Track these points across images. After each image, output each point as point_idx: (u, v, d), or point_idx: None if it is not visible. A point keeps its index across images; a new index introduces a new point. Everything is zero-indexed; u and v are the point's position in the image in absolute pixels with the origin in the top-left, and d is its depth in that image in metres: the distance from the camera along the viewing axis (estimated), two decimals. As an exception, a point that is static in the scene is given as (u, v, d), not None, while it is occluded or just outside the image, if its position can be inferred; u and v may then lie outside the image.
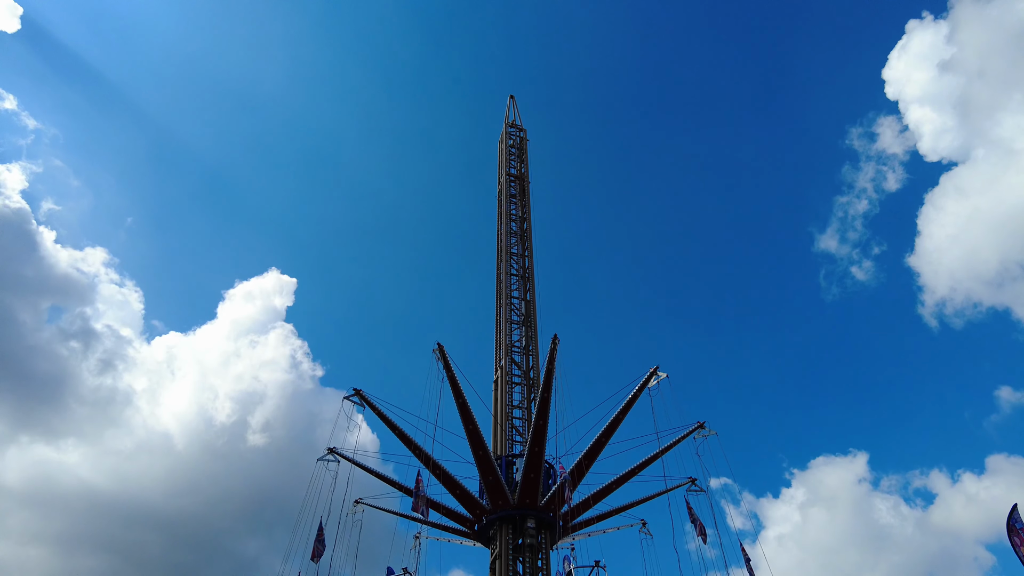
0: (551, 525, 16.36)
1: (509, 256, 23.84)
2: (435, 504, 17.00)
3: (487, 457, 15.91)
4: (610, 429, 17.45)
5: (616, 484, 18.07)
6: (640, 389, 18.11)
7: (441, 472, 16.31)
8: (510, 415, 19.47)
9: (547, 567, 15.60)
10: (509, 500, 16.05)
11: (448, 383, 16.48)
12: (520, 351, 21.20)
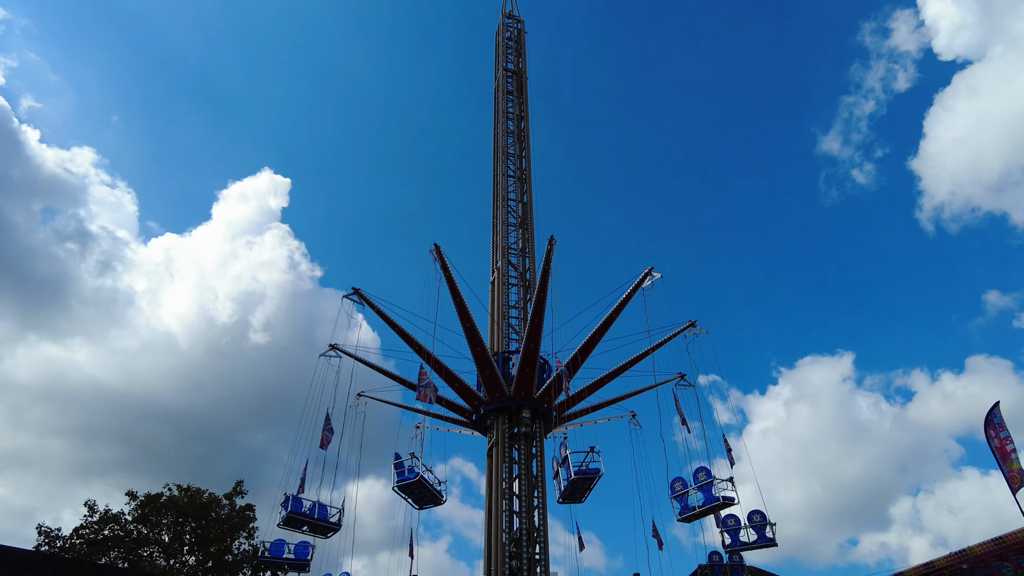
0: (545, 415, 17.17)
1: (506, 157, 23.47)
2: (436, 397, 17.76)
3: (484, 353, 16.45)
4: (604, 327, 17.94)
5: (608, 378, 18.81)
6: (634, 289, 18.45)
7: (441, 367, 16.91)
8: (506, 315, 19.90)
9: (541, 454, 16.56)
10: (505, 392, 16.76)
11: (446, 283, 16.77)
12: (517, 253, 21.35)
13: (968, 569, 14.30)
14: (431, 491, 15.72)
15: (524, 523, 15.01)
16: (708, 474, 15.86)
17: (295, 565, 17.33)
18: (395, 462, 15.69)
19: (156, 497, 35.02)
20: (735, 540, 15.92)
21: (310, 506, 16.81)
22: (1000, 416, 15.39)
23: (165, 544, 33.68)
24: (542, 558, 14.77)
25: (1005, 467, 14.93)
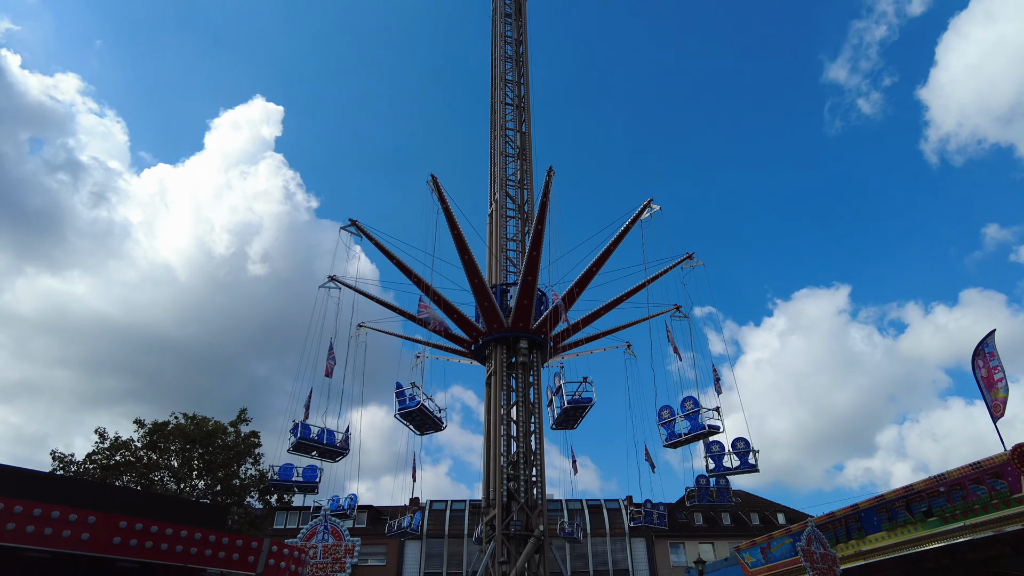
0: (542, 345, 17.50)
1: (503, 84, 22.88)
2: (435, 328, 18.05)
3: (482, 285, 16.61)
4: (601, 259, 18.04)
5: (604, 310, 19.06)
6: (633, 221, 18.46)
7: (439, 299, 17.11)
8: (504, 247, 19.93)
9: (538, 382, 16.99)
10: (503, 324, 17.03)
11: (443, 215, 16.75)
12: (515, 185, 21.16)
13: (945, 491, 14.90)
14: (432, 418, 16.29)
15: (521, 447, 15.57)
16: (695, 403, 16.40)
17: (304, 487, 18.06)
18: (396, 391, 16.19)
19: (163, 425, 36.02)
20: (718, 465, 16.62)
21: (318, 432, 17.37)
22: (993, 346, 15.70)
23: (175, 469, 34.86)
24: (538, 480, 15.40)
25: (989, 395, 15.36)
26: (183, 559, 5.07)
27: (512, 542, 14.33)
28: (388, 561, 49.95)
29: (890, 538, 15.87)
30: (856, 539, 16.67)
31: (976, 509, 14.07)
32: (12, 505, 4.49)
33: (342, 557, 8.04)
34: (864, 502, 16.85)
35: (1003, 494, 13.62)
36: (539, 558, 14.51)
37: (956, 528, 14.45)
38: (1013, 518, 13.38)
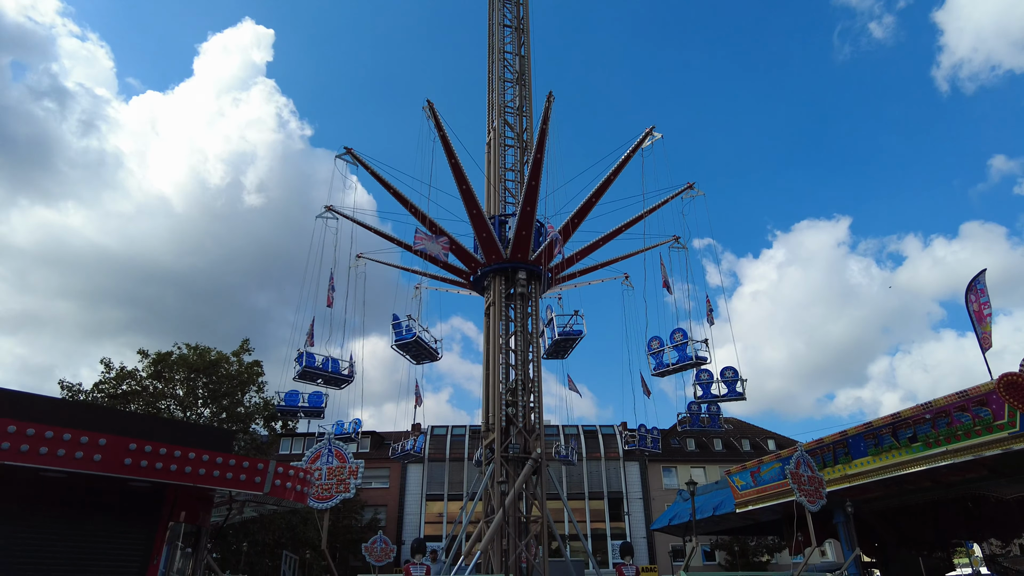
0: (540, 276, 17.56)
1: (502, 2, 21.95)
2: (432, 259, 18.06)
3: (481, 215, 16.51)
4: (601, 189, 17.85)
5: (603, 240, 19.03)
6: (634, 149, 18.15)
7: (437, 229, 17.03)
8: (503, 177, 19.67)
9: (536, 313, 17.16)
10: (502, 255, 17.03)
11: (440, 142, 16.44)
12: (513, 112, 20.64)
13: (931, 418, 15.29)
14: (428, 349, 16.57)
15: (519, 375, 15.90)
16: (684, 335, 16.67)
17: (310, 412, 18.55)
18: (393, 323, 16.40)
19: (167, 355, 36.61)
20: (707, 392, 17.06)
21: (322, 360, 17.67)
22: (984, 283, 15.84)
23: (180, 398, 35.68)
24: (536, 406, 15.81)
25: (979, 328, 15.58)
26: (192, 479, 5.26)
27: (510, 464, 14.86)
28: (391, 483, 51.83)
29: (875, 462, 16.43)
30: (843, 463, 17.27)
31: (959, 435, 14.50)
32: (25, 428, 4.62)
33: (346, 479, 8.35)
34: (852, 429, 17.36)
35: (986, 421, 14.00)
36: (536, 479, 15.08)
37: (939, 453, 14.93)
38: (993, 443, 13.81)
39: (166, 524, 5.62)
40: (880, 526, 20.45)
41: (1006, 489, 15.33)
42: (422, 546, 12.06)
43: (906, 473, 15.85)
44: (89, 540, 5.25)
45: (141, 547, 5.51)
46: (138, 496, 5.57)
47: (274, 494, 5.66)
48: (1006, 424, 13.69)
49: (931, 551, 21.05)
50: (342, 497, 8.30)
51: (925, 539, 20.75)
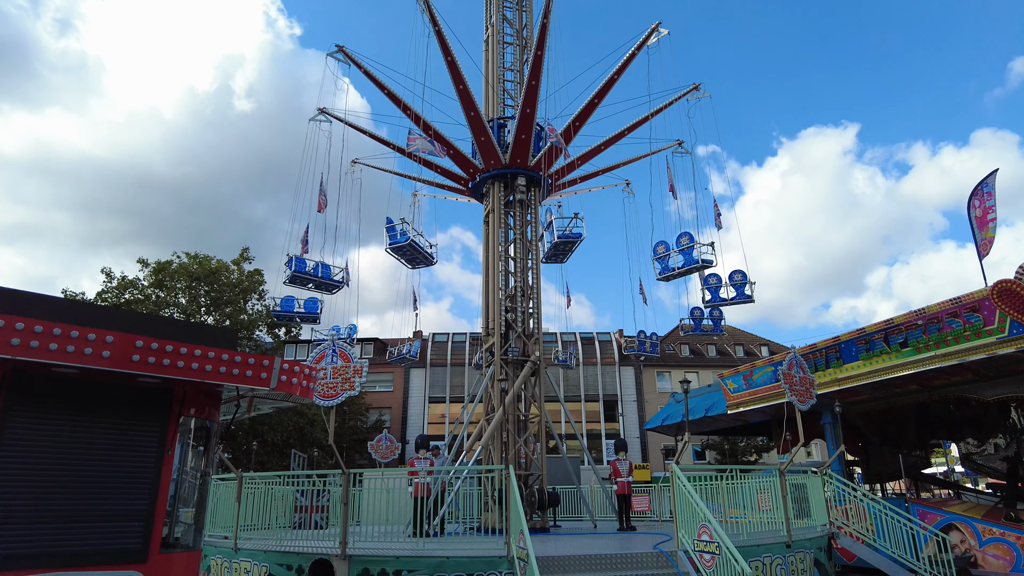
0: (540, 183, 17.30)
1: None
2: (429, 163, 17.74)
3: (478, 118, 16.02)
4: (604, 89, 17.24)
5: (605, 145, 18.61)
6: (639, 47, 17.40)
7: (433, 132, 16.60)
8: (501, 78, 18.95)
9: (535, 220, 17.02)
10: (501, 160, 16.67)
11: (435, 38, 15.70)
12: (512, 7, 19.59)
13: (923, 324, 15.55)
14: (422, 253, 16.53)
15: (519, 282, 15.99)
16: (690, 238, 16.59)
17: (306, 318, 18.78)
18: (387, 226, 16.28)
19: (167, 264, 36.76)
20: (715, 296, 17.17)
21: (313, 265, 17.71)
22: (992, 186, 15.61)
23: (183, 306, 36.14)
24: (535, 311, 16.02)
25: (980, 234, 15.56)
26: (200, 375, 5.38)
27: (509, 367, 15.24)
28: (395, 388, 53.42)
29: (865, 367, 16.89)
30: (834, 367, 17.76)
31: (948, 340, 14.83)
32: (33, 324, 4.68)
33: (351, 377, 8.56)
34: (845, 334, 17.73)
35: (976, 326, 14.27)
36: (535, 381, 15.51)
37: (927, 357, 15.33)
38: (980, 348, 14.15)
39: (177, 418, 5.82)
40: (865, 427, 21.30)
41: (988, 391, 15.84)
42: (426, 441, 12.57)
43: (894, 377, 16.33)
44: (105, 433, 5.45)
45: (155, 439, 5.73)
46: (149, 392, 5.73)
47: (280, 389, 5.82)
48: (995, 330, 13.95)
49: (911, 450, 22.04)
50: (347, 395, 8.56)
51: (906, 439, 21.68)
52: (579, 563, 8.26)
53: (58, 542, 4.96)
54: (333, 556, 8.43)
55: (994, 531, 15.19)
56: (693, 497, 8.06)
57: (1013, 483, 19.77)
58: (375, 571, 8.20)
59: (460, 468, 12.90)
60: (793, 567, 9.64)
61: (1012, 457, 20.76)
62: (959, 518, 16.01)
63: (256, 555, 9.23)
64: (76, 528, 5.08)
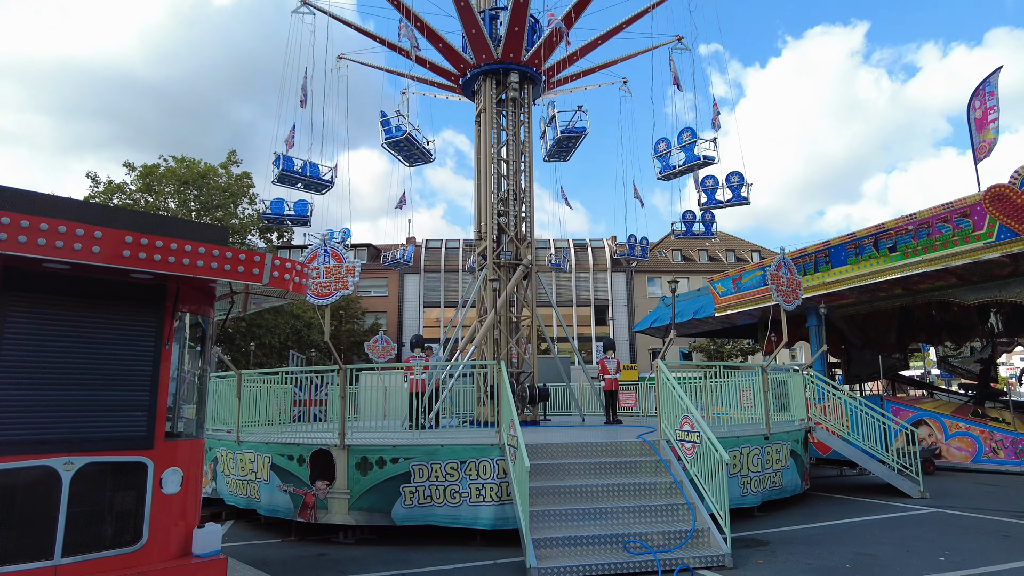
0: (533, 80, 16.71)
1: None
2: (420, 59, 17.03)
3: (469, 7, 15.18)
4: (602, -19, 16.36)
5: (602, 39, 17.82)
6: (639, -66, 16.36)
7: (422, 25, 15.84)
8: (495, -35, 17.86)
9: (528, 120, 16.55)
10: (492, 54, 15.99)
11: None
12: None
13: (913, 229, 15.63)
14: (420, 148, 16.12)
15: (511, 185, 15.81)
16: (692, 134, 16.24)
17: (296, 221, 18.67)
18: (382, 119, 15.78)
19: (154, 168, 35.99)
20: (711, 198, 17.06)
21: (301, 165, 17.40)
22: (995, 84, 15.20)
23: (172, 211, 35.71)
24: (527, 215, 15.93)
25: (978, 137, 15.33)
26: (192, 270, 5.40)
27: (502, 270, 15.35)
28: (390, 293, 53.95)
29: (853, 271, 17.13)
30: (823, 271, 17.99)
31: (936, 245, 14.97)
32: (19, 219, 4.65)
33: (344, 276, 8.62)
34: (836, 239, 17.83)
35: (965, 231, 14.37)
36: (527, 284, 15.68)
37: (914, 262, 15.53)
38: (966, 253, 14.32)
39: (172, 314, 5.90)
40: (848, 329, 21.86)
41: (970, 296, 16.17)
42: (420, 340, 12.86)
43: (881, 281, 16.59)
44: (104, 328, 5.55)
45: (152, 334, 5.84)
46: (143, 289, 5.78)
47: (273, 285, 5.88)
48: (983, 235, 14.06)
49: (891, 352, 22.76)
50: (341, 294, 8.65)
51: (887, 342, 22.33)
52: (566, 450, 8.71)
53: (70, 429, 5.18)
54: (332, 446, 8.83)
55: (960, 426, 16.00)
56: (676, 390, 8.39)
57: (984, 383, 20.59)
58: (373, 459, 8.63)
59: (454, 364, 13.29)
60: (770, 456, 10.20)
61: (986, 359, 21.50)
62: (929, 414, 16.81)
63: (259, 447, 9.66)
64: (85, 417, 5.29)
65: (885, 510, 10.23)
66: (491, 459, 8.33)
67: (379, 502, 8.48)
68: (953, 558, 7.03)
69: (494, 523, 8.16)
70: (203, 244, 5.46)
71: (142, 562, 5.30)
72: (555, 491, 7.81)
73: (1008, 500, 10.93)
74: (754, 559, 7.22)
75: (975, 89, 15.67)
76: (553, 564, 6.48)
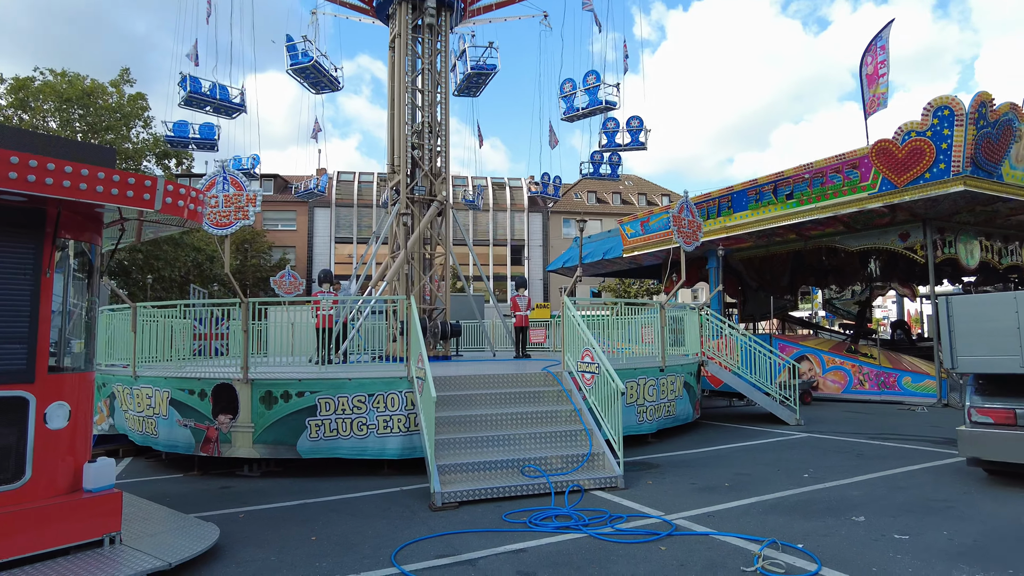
0: (451, 6, 16.13)
1: None
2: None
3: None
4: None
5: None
6: None
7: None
8: None
9: (446, 49, 16.03)
10: (408, -22, 15.26)
11: None
12: None
13: (809, 178, 16.58)
14: (327, 76, 15.33)
15: (427, 117, 15.41)
16: (597, 77, 16.34)
17: (202, 144, 17.54)
18: (287, 44, 14.82)
19: (28, 81, 32.41)
20: (611, 141, 17.43)
21: (209, 86, 16.25)
22: (886, 39, 16.08)
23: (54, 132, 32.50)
24: (443, 149, 15.66)
25: (869, 91, 16.31)
26: (74, 193, 5.04)
27: (416, 206, 15.14)
28: (299, 227, 52.07)
29: (753, 216, 18.10)
30: (725, 216, 18.90)
31: (828, 194, 16.02)
32: None
33: (244, 206, 8.26)
34: (738, 184, 18.69)
35: (854, 182, 15.44)
36: (441, 221, 15.57)
37: (808, 208, 16.58)
38: (853, 202, 15.43)
39: (52, 240, 5.50)
40: (746, 272, 23.24)
41: (853, 243, 17.53)
42: (328, 275, 12.60)
43: (777, 226, 17.64)
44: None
45: (31, 262, 5.45)
46: (18, 212, 5.34)
47: (167, 212, 5.56)
48: (868, 186, 15.15)
49: (783, 294, 24.46)
50: (242, 224, 8.30)
51: (781, 284, 23.96)
52: (473, 381, 8.96)
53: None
54: (235, 380, 8.66)
55: (836, 361, 17.60)
56: (580, 325, 8.74)
57: (861, 323, 22.60)
58: (278, 393, 8.55)
59: (364, 299, 13.17)
60: (664, 387, 10.90)
61: (863, 302, 23.53)
62: (811, 351, 18.35)
63: (157, 381, 9.33)
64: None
65: (765, 436, 11.25)
66: (399, 391, 8.46)
67: (284, 435, 8.47)
68: (815, 475, 7.89)
69: (402, 453, 8.36)
70: (86, 165, 5.07)
71: (27, 498, 5.11)
72: (461, 420, 8.07)
73: (866, 425, 12.27)
74: (644, 480, 7.82)
75: (867, 45, 16.52)
76: (456, 488, 6.77)
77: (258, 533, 5.90)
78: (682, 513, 6.21)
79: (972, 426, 7.12)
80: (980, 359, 7.14)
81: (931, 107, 13.40)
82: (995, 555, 4.86)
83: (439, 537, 5.63)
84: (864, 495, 6.81)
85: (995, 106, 13.25)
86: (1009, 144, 13.90)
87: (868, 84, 16.26)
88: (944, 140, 13.38)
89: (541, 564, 4.90)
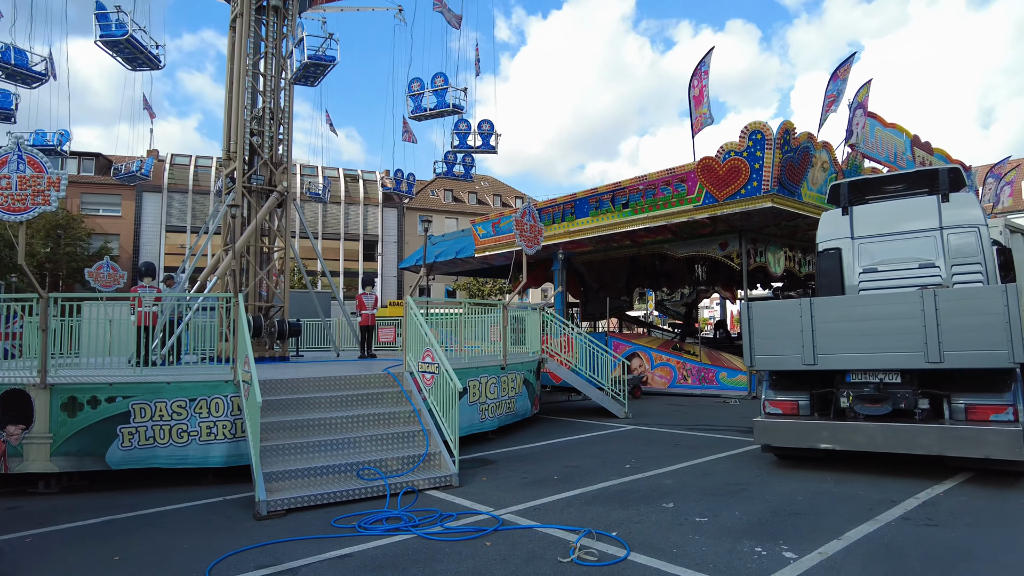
0: (299, -10, 15.41)
1: None
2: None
3: None
4: None
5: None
6: None
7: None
8: None
9: (292, 33, 15.29)
10: (252, -46, 14.35)
11: None
12: None
13: (643, 189, 17.85)
14: (144, 52, 13.89)
15: (269, 102, 14.58)
16: (445, 80, 16.47)
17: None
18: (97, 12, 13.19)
19: None
20: (463, 142, 17.67)
21: (3, 48, 14.17)
22: (708, 64, 17.79)
23: None
24: (285, 137, 14.92)
25: (696, 112, 17.92)
26: None
27: (254, 195, 14.29)
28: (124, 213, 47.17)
29: (593, 223, 19.15)
30: (568, 221, 19.83)
31: (660, 204, 17.37)
32: None
33: (45, 189, 7.32)
34: (581, 192, 19.68)
35: (682, 194, 16.87)
36: (281, 213, 14.84)
37: (641, 217, 17.87)
38: (681, 213, 16.87)
39: None
40: (587, 274, 24.56)
41: (681, 249, 19.17)
42: (151, 268, 11.51)
43: (614, 233, 18.81)
44: None
45: None
46: None
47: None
48: (694, 198, 16.62)
49: (621, 295, 26.14)
50: (41, 210, 7.34)
51: (619, 286, 25.60)
52: (309, 384, 8.67)
53: None
54: (30, 385, 7.68)
55: (663, 357, 19.14)
56: (422, 326, 8.77)
57: (687, 323, 24.74)
58: (84, 398, 7.70)
59: (190, 297, 12.20)
60: (505, 385, 11.23)
61: (690, 303, 25.77)
62: (642, 348, 19.79)
63: (-75, 387, 8.01)
64: None
65: (596, 429, 11.98)
66: (224, 396, 7.96)
67: (91, 445, 7.64)
68: (636, 465, 8.54)
69: (227, 460, 7.88)
70: None
71: None
72: (294, 425, 7.77)
73: (686, 417, 13.49)
74: (479, 476, 8.02)
75: (694, 69, 18.16)
76: (284, 495, 6.51)
77: (46, 558, 5.29)
78: (510, 508, 6.45)
79: (765, 417, 8.10)
80: (772, 357, 8.13)
81: (747, 130, 14.98)
82: (772, 529, 5.58)
83: (261, 547, 5.39)
84: (676, 483, 7.49)
85: (796, 134, 15.11)
86: (807, 168, 15.92)
87: (695, 105, 17.84)
88: (757, 160, 15.03)
89: (365, 568, 4.87)
